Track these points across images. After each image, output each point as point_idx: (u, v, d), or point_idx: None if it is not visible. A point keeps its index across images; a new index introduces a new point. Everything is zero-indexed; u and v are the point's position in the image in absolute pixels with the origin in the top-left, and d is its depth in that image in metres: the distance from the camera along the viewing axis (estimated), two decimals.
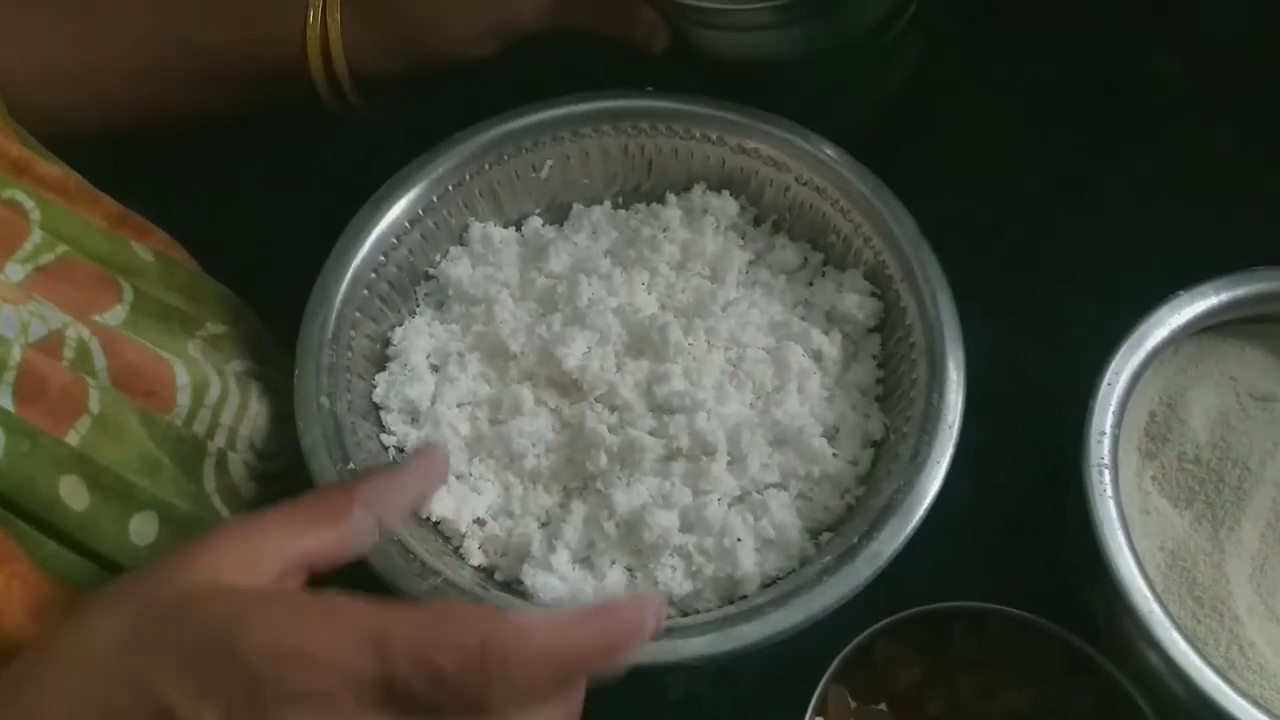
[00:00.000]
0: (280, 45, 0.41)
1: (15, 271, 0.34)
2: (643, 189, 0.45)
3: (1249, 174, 0.45)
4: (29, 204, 0.36)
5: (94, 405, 0.33)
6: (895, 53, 0.45)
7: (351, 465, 0.36)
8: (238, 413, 0.39)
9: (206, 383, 0.37)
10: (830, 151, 0.41)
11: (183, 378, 0.37)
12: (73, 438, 0.32)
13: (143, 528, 0.34)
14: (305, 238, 0.39)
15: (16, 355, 0.31)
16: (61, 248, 0.36)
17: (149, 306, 0.38)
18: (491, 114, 0.42)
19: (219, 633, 0.24)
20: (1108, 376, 0.34)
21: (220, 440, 0.38)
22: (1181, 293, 0.35)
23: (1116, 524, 0.32)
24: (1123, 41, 0.48)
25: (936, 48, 0.46)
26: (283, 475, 0.40)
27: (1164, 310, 0.35)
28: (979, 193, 0.46)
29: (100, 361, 0.35)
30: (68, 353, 0.34)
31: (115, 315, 0.37)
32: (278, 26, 0.41)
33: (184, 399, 0.37)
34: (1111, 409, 0.33)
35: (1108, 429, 0.33)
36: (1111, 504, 0.32)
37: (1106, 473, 0.32)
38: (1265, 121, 0.46)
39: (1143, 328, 0.34)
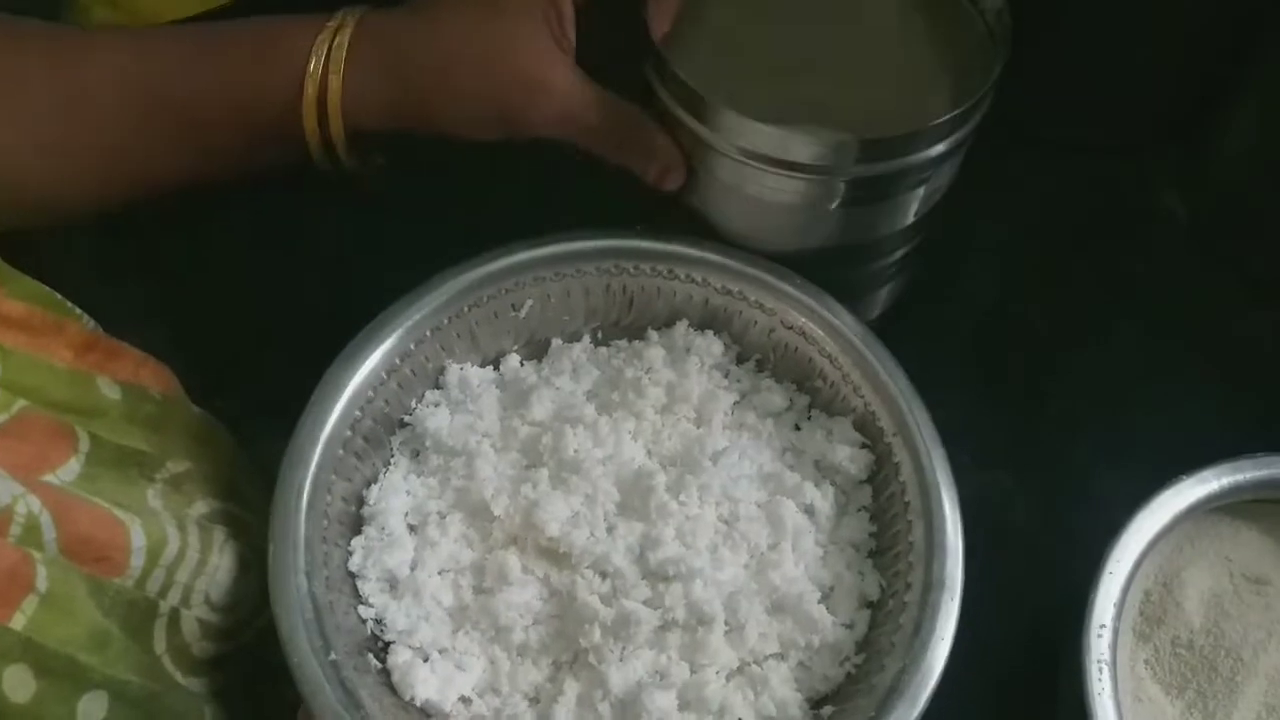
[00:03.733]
0: (272, 95, 0.39)
1: None
2: (623, 323, 0.44)
3: (1239, 317, 0.46)
4: None
5: (41, 583, 0.31)
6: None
7: (333, 656, 0.34)
8: (196, 568, 0.37)
9: (164, 541, 0.35)
10: (815, 299, 0.41)
11: (138, 539, 0.35)
12: (18, 621, 0.30)
13: (90, 709, 0.32)
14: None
15: None
16: (19, 403, 0.34)
17: (105, 455, 0.36)
18: (488, 240, 0.41)
19: None
20: (1110, 565, 0.34)
21: (174, 598, 0.36)
22: (1184, 477, 0.35)
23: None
24: (1130, 173, 0.48)
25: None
26: (237, 630, 0.38)
27: (1166, 494, 0.35)
28: (982, 331, 0.45)
29: (50, 533, 0.32)
30: (15, 529, 0.32)
31: (69, 471, 0.35)
32: (270, 75, 0.39)
33: (138, 560, 0.35)
34: (1114, 600, 0.33)
35: (1109, 621, 0.33)
36: (1110, 702, 0.32)
37: (1106, 669, 0.32)
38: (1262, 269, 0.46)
39: (1144, 512, 0.34)
